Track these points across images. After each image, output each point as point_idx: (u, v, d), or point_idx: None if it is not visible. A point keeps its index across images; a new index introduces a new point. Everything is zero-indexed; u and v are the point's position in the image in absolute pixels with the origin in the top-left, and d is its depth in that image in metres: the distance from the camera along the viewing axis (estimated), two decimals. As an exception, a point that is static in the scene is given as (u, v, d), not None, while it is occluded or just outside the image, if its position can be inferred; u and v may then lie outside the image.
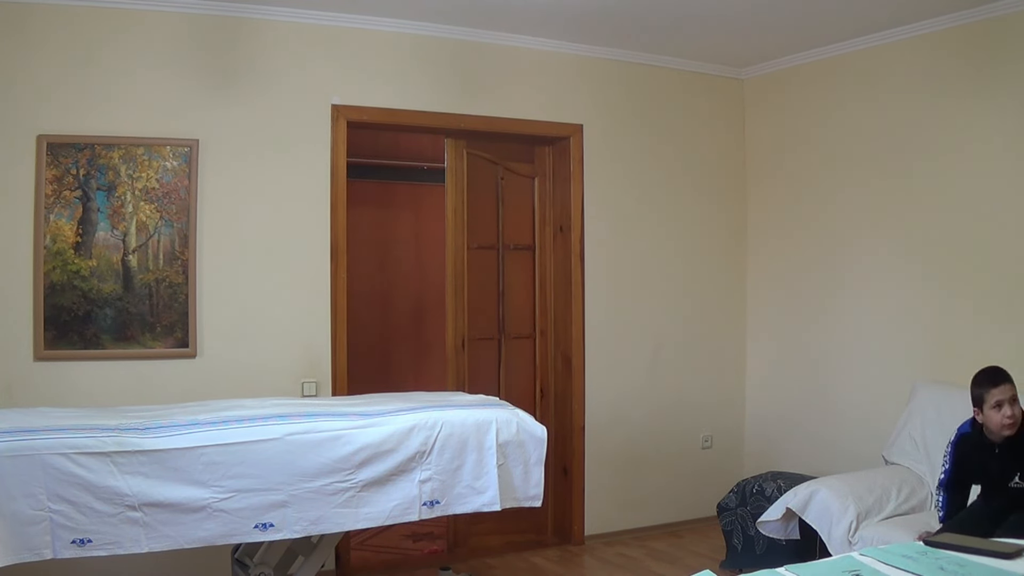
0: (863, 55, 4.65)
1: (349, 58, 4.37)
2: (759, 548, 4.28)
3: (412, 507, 3.12)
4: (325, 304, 4.30)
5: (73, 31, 3.87)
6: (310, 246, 4.28)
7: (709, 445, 5.31)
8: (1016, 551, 2.34)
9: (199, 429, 2.89)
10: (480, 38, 4.62)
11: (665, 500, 5.15)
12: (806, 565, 2.26)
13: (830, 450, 4.80)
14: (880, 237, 4.60)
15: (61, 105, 3.85)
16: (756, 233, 5.36)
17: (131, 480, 2.72)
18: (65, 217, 3.87)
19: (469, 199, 4.84)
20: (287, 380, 4.19)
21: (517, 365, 5.03)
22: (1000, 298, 4.06)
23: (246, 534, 2.90)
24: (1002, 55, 4.03)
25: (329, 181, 4.31)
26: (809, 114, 5.01)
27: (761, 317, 5.33)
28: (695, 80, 5.24)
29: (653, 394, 5.13)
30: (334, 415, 3.13)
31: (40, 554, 2.63)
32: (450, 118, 4.59)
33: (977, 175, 4.16)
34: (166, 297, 4.02)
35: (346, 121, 4.34)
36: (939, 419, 3.99)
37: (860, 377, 4.70)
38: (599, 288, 4.97)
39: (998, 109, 4.06)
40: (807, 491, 3.76)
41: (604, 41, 4.82)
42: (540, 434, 3.35)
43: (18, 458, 2.60)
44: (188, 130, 4.04)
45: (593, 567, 4.56)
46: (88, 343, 3.89)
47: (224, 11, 4.08)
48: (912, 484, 3.89)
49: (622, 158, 5.04)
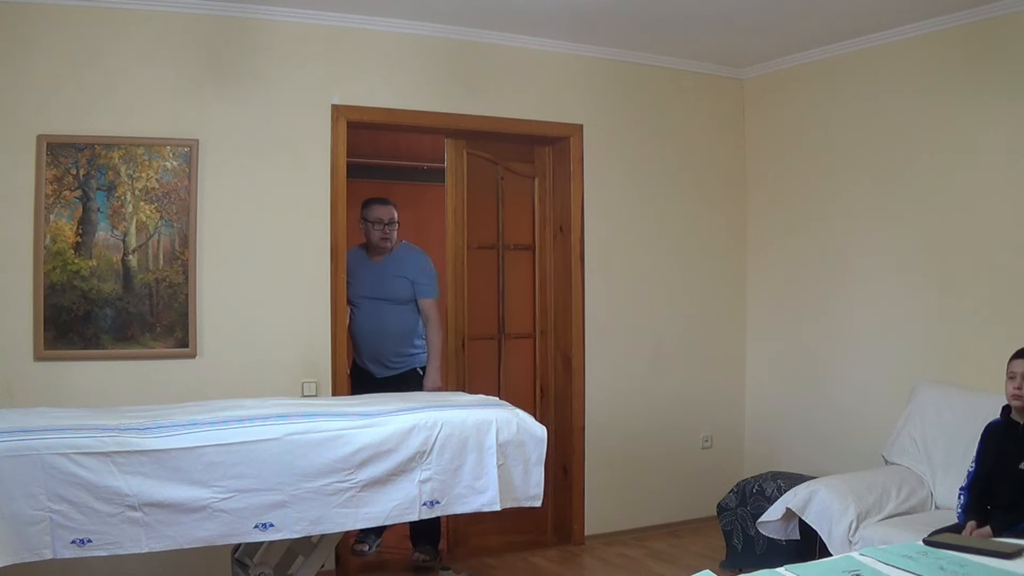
0: (863, 55, 4.65)
1: (349, 58, 4.37)
2: (759, 548, 4.28)
3: (412, 507, 3.12)
4: (325, 304, 4.30)
5: (73, 31, 3.87)
6: (310, 246, 4.28)
7: (709, 445, 5.31)
8: (1016, 551, 2.34)
9: (199, 429, 2.88)
10: (480, 38, 4.62)
11: (665, 500, 5.15)
12: (806, 565, 2.26)
13: (830, 450, 4.80)
14: (880, 237, 4.60)
15: (61, 105, 3.85)
16: (756, 233, 5.36)
17: (131, 480, 2.72)
18: (65, 217, 3.87)
19: (469, 199, 4.84)
20: (287, 380, 4.19)
21: (517, 365, 5.03)
22: (1001, 298, 4.06)
23: (246, 534, 2.90)
24: (1002, 55, 4.03)
25: (329, 181, 4.31)
26: (809, 114, 5.01)
27: (761, 317, 5.33)
28: (695, 80, 5.24)
29: (653, 394, 5.13)
30: (334, 415, 3.13)
31: (40, 554, 2.62)
32: (450, 118, 4.59)
33: (978, 175, 4.16)
34: (166, 297, 4.02)
35: (346, 121, 4.34)
36: (939, 419, 4.00)
37: (860, 377, 4.70)
38: (599, 288, 4.97)
39: (998, 109, 4.06)
40: (807, 491, 3.76)
41: (604, 41, 4.82)
42: (540, 434, 3.35)
43: (18, 458, 2.60)
44: (188, 130, 4.04)
45: (593, 567, 4.56)
46: (88, 343, 3.89)
47: (224, 11, 4.08)
48: (912, 484, 3.89)
49: (622, 158, 5.04)
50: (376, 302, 4.55)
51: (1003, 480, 3.26)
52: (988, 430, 3.43)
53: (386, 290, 4.55)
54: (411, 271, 4.58)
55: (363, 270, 4.59)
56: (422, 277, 4.59)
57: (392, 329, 4.57)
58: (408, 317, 4.59)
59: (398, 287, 4.55)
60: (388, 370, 4.58)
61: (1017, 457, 3.24)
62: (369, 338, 4.59)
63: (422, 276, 4.59)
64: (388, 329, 4.56)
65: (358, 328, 4.60)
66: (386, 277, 4.57)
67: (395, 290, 4.55)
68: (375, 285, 4.56)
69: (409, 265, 4.61)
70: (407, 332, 4.61)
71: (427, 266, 4.65)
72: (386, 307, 4.55)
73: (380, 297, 4.55)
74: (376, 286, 4.56)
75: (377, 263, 4.62)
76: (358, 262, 4.60)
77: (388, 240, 4.59)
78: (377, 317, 4.55)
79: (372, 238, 4.60)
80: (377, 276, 4.57)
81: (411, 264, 4.62)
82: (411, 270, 4.58)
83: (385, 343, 4.57)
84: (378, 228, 4.58)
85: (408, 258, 4.65)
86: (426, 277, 4.61)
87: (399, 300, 4.55)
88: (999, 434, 3.36)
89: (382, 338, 4.57)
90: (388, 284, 4.56)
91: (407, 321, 4.60)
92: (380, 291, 4.55)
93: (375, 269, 4.60)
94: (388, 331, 4.57)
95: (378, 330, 4.56)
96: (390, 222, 4.59)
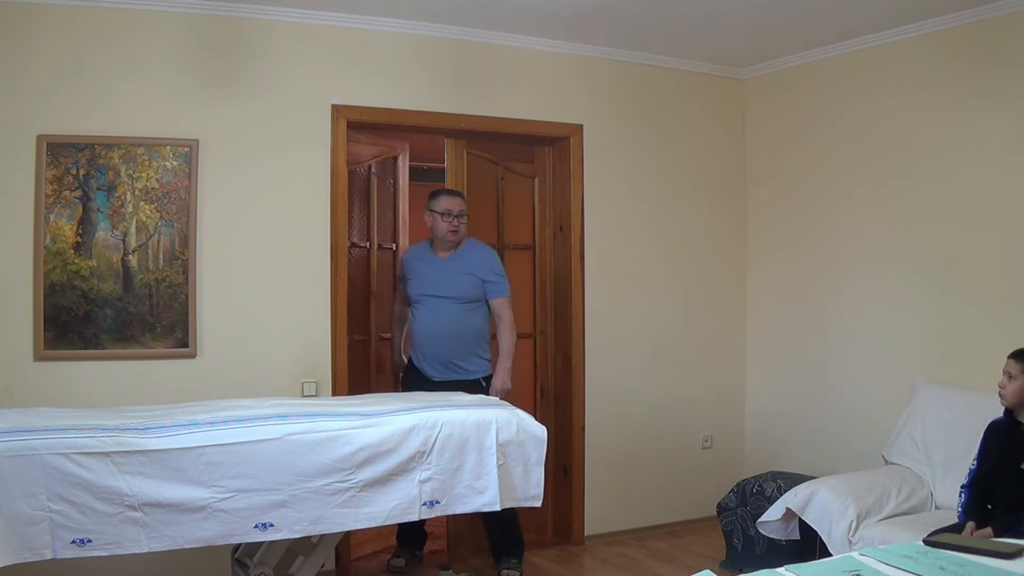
0: (863, 55, 4.65)
1: (349, 58, 4.37)
2: (759, 548, 4.28)
3: (412, 507, 3.12)
4: (325, 304, 4.30)
5: (73, 31, 3.87)
6: (310, 246, 4.28)
7: (709, 445, 5.31)
8: (1016, 551, 2.34)
9: (199, 429, 2.89)
10: (480, 38, 4.61)
11: (665, 500, 5.15)
12: (806, 565, 2.26)
13: (830, 450, 4.80)
14: (880, 237, 4.60)
15: (61, 105, 3.85)
16: (756, 233, 5.36)
17: (131, 480, 2.72)
18: (65, 217, 3.87)
19: (469, 199, 4.83)
20: (287, 380, 4.19)
21: (517, 365, 5.01)
22: (1001, 298, 4.06)
23: (246, 534, 2.90)
24: (1002, 55, 4.03)
25: (329, 181, 4.31)
26: (809, 114, 5.01)
27: (761, 317, 5.33)
28: (695, 80, 5.24)
29: (653, 394, 5.13)
30: (334, 415, 3.13)
31: (40, 554, 2.62)
32: (450, 118, 4.59)
33: (978, 175, 4.16)
34: (166, 297, 4.02)
35: (346, 121, 4.34)
36: (939, 419, 4.00)
37: (860, 377, 4.70)
38: (599, 288, 4.97)
39: (999, 109, 4.06)
40: (807, 491, 3.76)
41: (604, 41, 4.82)
42: (540, 434, 3.35)
43: (18, 458, 2.60)
44: (188, 130, 4.04)
45: (593, 567, 4.56)
46: (88, 343, 3.89)
47: (224, 11, 4.08)
48: (912, 484, 3.89)
49: (622, 158, 5.04)
50: (440, 300, 4.28)
51: (1004, 479, 3.27)
52: (990, 429, 3.44)
53: (452, 287, 4.28)
54: (480, 268, 4.33)
55: (427, 266, 4.36)
56: (492, 275, 4.34)
57: (455, 330, 4.29)
58: (474, 318, 4.33)
59: (466, 285, 4.30)
60: (448, 373, 4.30)
61: (1019, 457, 3.25)
62: (429, 338, 4.31)
63: (492, 274, 4.34)
64: (451, 329, 4.28)
65: (418, 327, 4.36)
66: (453, 274, 4.30)
67: (462, 288, 4.29)
68: (440, 282, 4.30)
69: (478, 262, 4.35)
70: (473, 334, 4.34)
71: (497, 263, 4.40)
72: (451, 306, 4.28)
73: (445, 295, 4.28)
74: (441, 283, 4.29)
75: (443, 259, 4.35)
76: (421, 258, 4.40)
77: (457, 232, 4.32)
78: (441, 316, 4.28)
79: (439, 230, 4.32)
80: (443, 272, 4.31)
81: (480, 261, 4.36)
82: (480, 267, 4.33)
83: (447, 344, 4.29)
84: (447, 219, 4.30)
85: (477, 254, 4.39)
86: (496, 275, 4.35)
87: (466, 299, 4.29)
88: (1001, 433, 3.37)
89: (444, 339, 4.28)
90: (455, 281, 4.29)
91: (472, 322, 4.33)
92: (445, 288, 4.28)
93: (440, 265, 4.34)
94: (451, 332, 4.28)
95: (441, 330, 4.28)
96: (460, 213, 4.32)
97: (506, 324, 4.33)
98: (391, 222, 4.99)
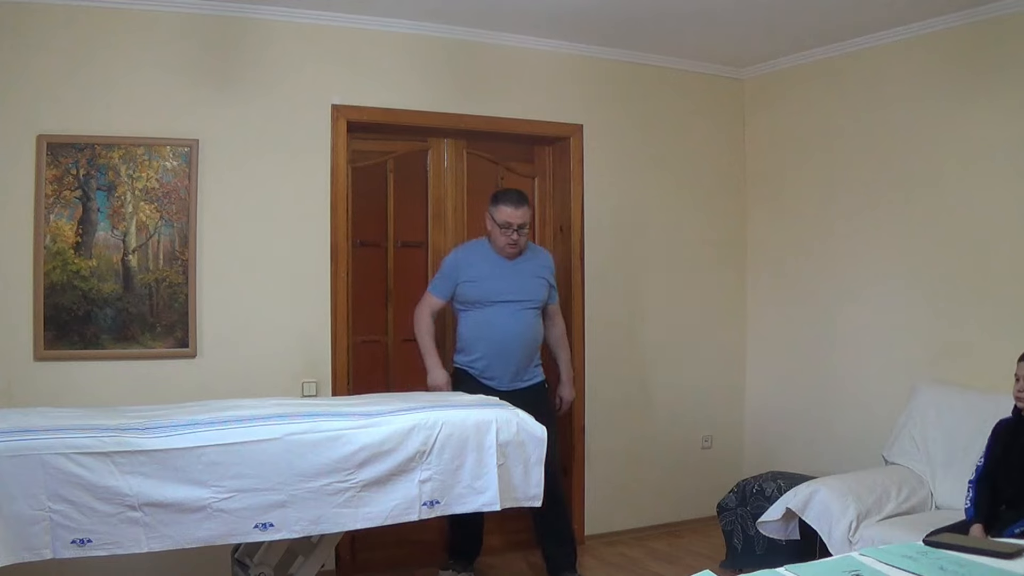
0: (863, 55, 4.65)
1: (349, 58, 4.37)
2: (759, 548, 4.28)
3: (412, 507, 3.11)
4: (325, 304, 4.30)
5: (73, 31, 3.87)
6: (310, 246, 4.28)
7: (709, 445, 5.31)
8: (1016, 551, 2.33)
9: (199, 429, 2.88)
10: (480, 38, 4.62)
11: (665, 500, 5.15)
12: (806, 565, 2.25)
13: (830, 450, 4.80)
14: (880, 237, 4.60)
15: (61, 105, 3.85)
16: (756, 232, 5.36)
17: (131, 480, 2.72)
18: (65, 217, 3.87)
19: (469, 199, 4.84)
20: (287, 380, 4.19)
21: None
22: (1001, 298, 4.05)
23: (246, 534, 2.90)
24: (1002, 55, 4.03)
25: (329, 181, 4.31)
26: (809, 114, 5.01)
27: (761, 317, 5.33)
28: (695, 80, 5.24)
29: (653, 394, 5.13)
30: (334, 415, 3.12)
31: (40, 554, 2.62)
32: (450, 118, 4.59)
33: (978, 174, 4.16)
34: (166, 297, 4.02)
35: (346, 121, 4.34)
36: (939, 419, 4.00)
37: (860, 377, 4.70)
38: (599, 288, 4.97)
39: (999, 110, 4.06)
40: (807, 491, 3.76)
41: (603, 41, 4.82)
42: (540, 434, 3.35)
43: (18, 458, 2.59)
44: (188, 130, 4.04)
45: (593, 567, 4.55)
46: (88, 343, 3.89)
47: (224, 11, 4.08)
48: (912, 484, 3.89)
49: (622, 158, 5.05)
50: (515, 305, 4.04)
51: (1010, 477, 3.28)
52: (999, 427, 3.45)
53: (528, 291, 4.08)
54: (548, 272, 4.19)
55: (495, 267, 4.08)
56: (553, 279, 4.22)
57: (532, 336, 4.11)
58: (538, 324, 4.16)
59: (540, 289, 4.12)
60: (516, 383, 4.08)
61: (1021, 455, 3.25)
62: (507, 346, 4.04)
63: (553, 278, 4.22)
64: (530, 335, 4.09)
65: (491, 334, 4.04)
66: (527, 277, 4.10)
67: (538, 292, 4.11)
68: (515, 286, 4.06)
69: (545, 264, 4.21)
70: (538, 341, 4.17)
71: (553, 268, 4.29)
72: (528, 311, 4.08)
73: (521, 299, 4.05)
74: (516, 287, 4.05)
75: (513, 261, 4.11)
76: (484, 257, 4.10)
77: (516, 247, 4.03)
78: (520, 322, 4.05)
79: (496, 243, 4.05)
80: (517, 275, 4.08)
81: (546, 263, 4.22)
82: (547, 271, 4.19)
83: (524, 352, 4.08)
84: (505, 233, 3.99)
85: (542, 256, 4.25)
86: (554, 280, 4.24)
87: (536, 304, 4.11)
88: (1010, 431, 3.38)
89: (521, 346, 4.07)
90: (530, 285, 4.09)
91: (537, 328, 4.15)
92: (520, 292, 4.06)
93: (511, 268, 4.09)
94: (529, 338, 4.09)
95: (521, 336, 4.06)
96: (520, 227, 4.00)
97: (565, 331, 4.36)
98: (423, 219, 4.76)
